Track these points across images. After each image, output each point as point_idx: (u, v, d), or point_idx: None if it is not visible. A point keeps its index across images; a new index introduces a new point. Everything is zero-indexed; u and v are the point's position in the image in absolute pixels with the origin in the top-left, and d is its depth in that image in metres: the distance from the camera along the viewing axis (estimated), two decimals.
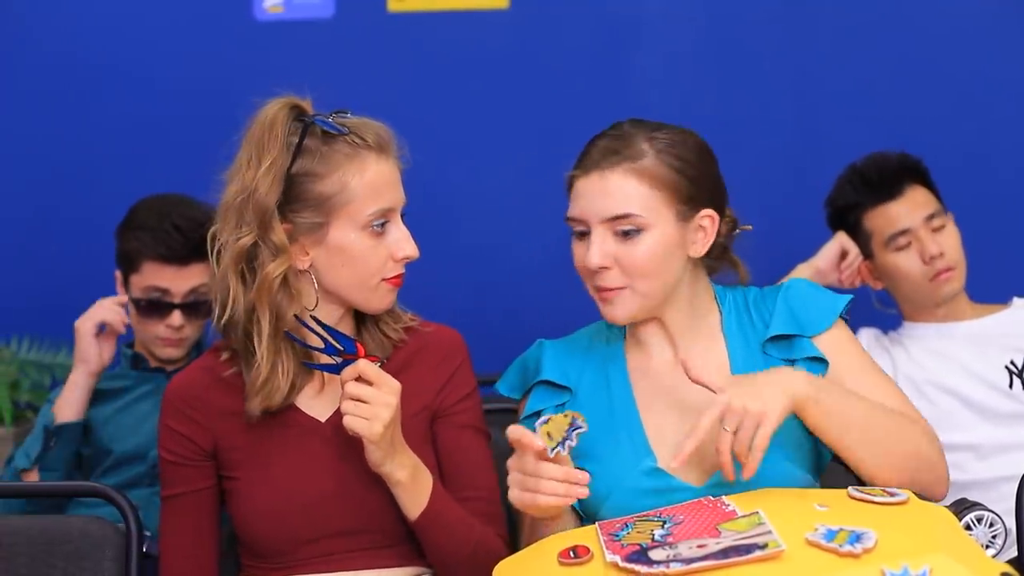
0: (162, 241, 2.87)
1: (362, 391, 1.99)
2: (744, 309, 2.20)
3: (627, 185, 2.08)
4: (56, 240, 3.68)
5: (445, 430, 2.19)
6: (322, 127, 2.08)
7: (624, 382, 2.16)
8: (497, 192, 3.70)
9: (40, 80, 3.69)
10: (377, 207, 2.08)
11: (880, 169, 3.02)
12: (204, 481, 2.17)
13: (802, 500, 1.87)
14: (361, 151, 2.08)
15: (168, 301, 2.88)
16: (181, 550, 2.17)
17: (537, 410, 2.17)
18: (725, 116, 3.59)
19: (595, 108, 3.58)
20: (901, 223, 2.98)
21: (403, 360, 2.18)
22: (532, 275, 3.63)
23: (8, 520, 2.46)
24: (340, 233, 2.08)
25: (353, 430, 1.99)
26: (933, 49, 3.61)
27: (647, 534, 1.81)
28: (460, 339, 2.25)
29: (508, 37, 3.68)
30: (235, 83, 3.59)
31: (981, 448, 2.88)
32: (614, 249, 2.08)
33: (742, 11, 3.65)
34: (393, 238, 2.11)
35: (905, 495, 1.86)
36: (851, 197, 3.05)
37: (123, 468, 2.87)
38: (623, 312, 2.11)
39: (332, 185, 2.06)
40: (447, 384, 2.20)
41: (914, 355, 2.99)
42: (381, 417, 1.99)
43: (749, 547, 1.68)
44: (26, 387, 3.59)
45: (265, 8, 3.69)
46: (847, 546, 1.66)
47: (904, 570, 1.61)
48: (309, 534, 2.09)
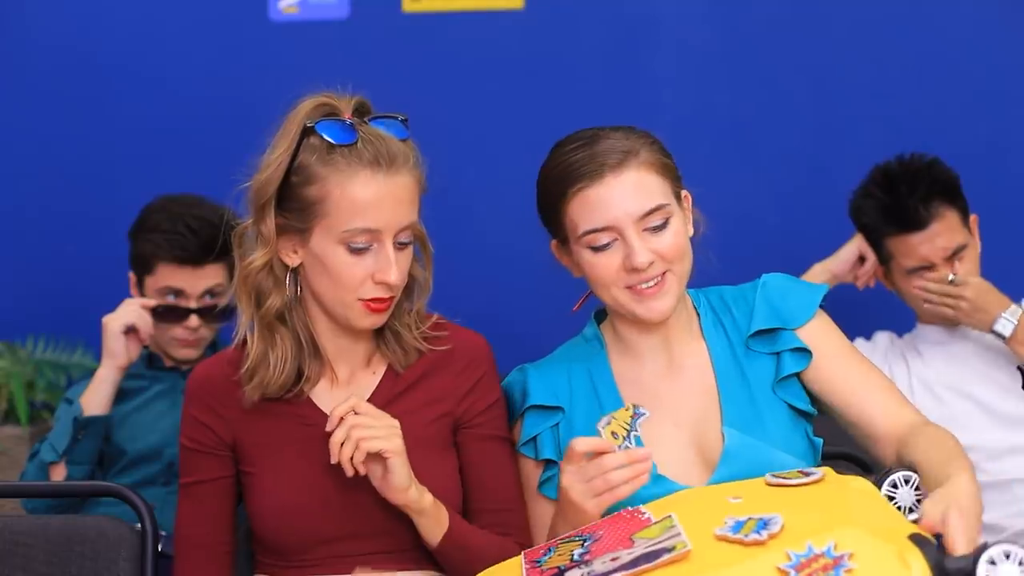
0: (176, 243, 2.88)
1: (362, 419, 1.99)
2: (723, 308, 2.20)
3: (645, 178, 2.08)
4: (72, 241, 3.70)
5: (470, 441, 2.16)
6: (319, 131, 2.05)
7: (613, 392, 2.16)
8: (511, 192, 3.68)
9: (56, 81, 3.71)
10: (356, 225, 2.02)
11: (910, 191, 2.93)
12: (222, 471, 2.15)
13: (716, 495, 1.87)
14: (351, 164, 2.03)
15: (184, 305, 2.89)
16: (195, 539, 2.15)
17: (533, 435, 2.16)
18: (739, 116, 3.59)
19: (610, 108, 3.57)
20: (923, 258, 2.93)
21: (427, 365, 2.16)
22: (547, 276, 3.62)
23: (25, 520, 2.48)
24: (319, 242, 2.05)
25: (377, 449, 1.97)
26: (949, 47, 3.60)
27: (567, 555, 1.80)
28: (486, 345, 2.22)
29: (522, 37, 3.68)
30: (250, 83, 3.61)
31: (993, 450, 2.88)
32: (650, 243, 2.07)
33: (757, 11, 3.64)
34: (376, 260, 2.04)
35: (820, 473, 1.85)
36: (875, 220, 2.99)
37: (138, 467, 2.88)
38: (667, 302, 2.10)
39: (316, 192, 2.03)
40: (471, 392, 2.17)
41: (927, 358, 2.99)
42: (395, 431, 1.99)
43: (658, 552, 1.68)
44: (42, 387, 3.60)
45: (280, 9, 3.70)
46: (753, 535, 1.66)
47: (808, 549, 1.60)
48: (324, 534, 2.08)
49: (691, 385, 2.15)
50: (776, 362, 2.14)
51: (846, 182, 3.11)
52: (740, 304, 2.19)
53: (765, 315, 2.16)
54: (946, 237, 2.93)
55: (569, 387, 2.18)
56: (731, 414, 2.10)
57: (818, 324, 2.17)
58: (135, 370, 2.98)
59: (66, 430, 2.80)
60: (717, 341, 2.17)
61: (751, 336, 2.15)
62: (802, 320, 2.16)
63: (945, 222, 2.93)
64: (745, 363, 2.14)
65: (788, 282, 2.21)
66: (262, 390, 2.11)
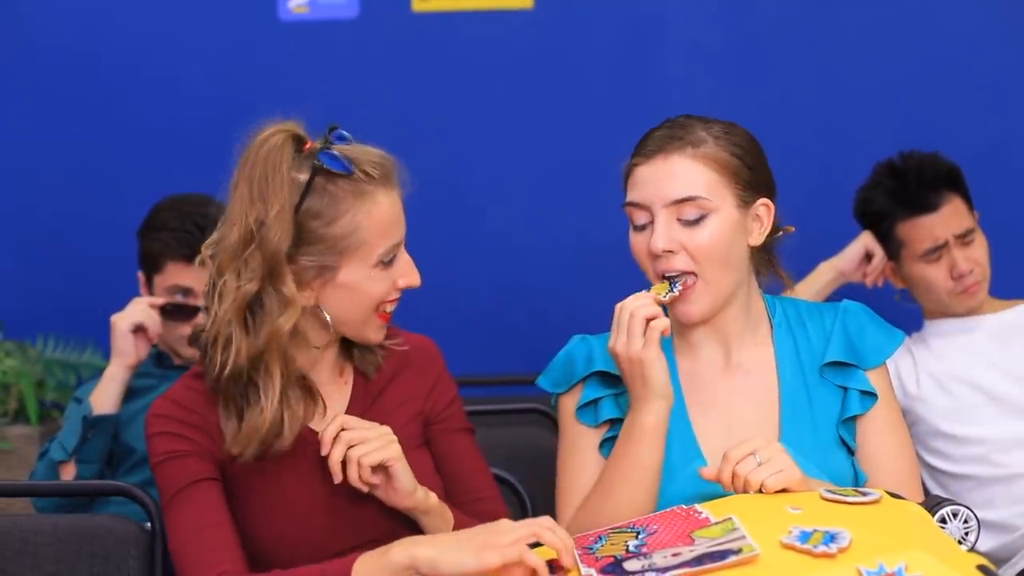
0: (184, 241, 2.88)
1: (356, 434, 1.96)
2: (798, 322, 2.19)
3: (692, 168, 2.08)
4: (81, 241, 3.70)
5: (440, 436, 2.18)
6: (328, 165, 1.97)
7: (674, 383, 2.15)
8: (520, 191, 3.70)
9: (63, 82, 3.71)
10: (388, 243, 2.01)
11: (918, 179, 2.99)
12: (208, 472, 2.02)
13: (774, 504, 1.86)
14: (367, 188, 1.99)
15: (192, 303, 2.90)
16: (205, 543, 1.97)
17: (594, 399, 2.16)
18: (749, 115, 3.55)
19: (619, 108, 3.58)
20: (936, 239, 2.96)
21: (392, 369, 2.16)
22: (556, 274, 3.63)
23: (35, 519, 2.48)
24: (350, 273, 2.00)
25: (379, 460, 1.95)
26: (957, 48, 3.60)
27: (621, 545, 1.80)
28: (434, 345, 2.24)
29: (532, 37, 3.68)
30: (260, 83, 3.62)
31: (1004, 442, 2.87)
32: (679, 235, 2.07)
33: (766, 10, 3.64)
34: (398, 268, 2.04)
35: (877, 494, 1.86)
36: (886, 206, 3.02)
37: (145, 466, 2.87)
38: (698, 308, 2.10)
39: (343, 227, 1.97)
40: (433, 388, 2.18)
41: (936, 350, 2.98)
42: (389, 438, 1.97)
43: (724, 553, 1.67)
44: (52, 386, 3.60)
45: (290, 8, 3.70)
46: (822, 547, 1.65)
47: (880, 567, 1.60)
48: (315, 554, 2.01)
49: (751, 391, 2.14)
50: (843, 397, 2.14)
51: (854, 181, 3.11)
52: (816, 324, 2.19)
53: (842, 347, 2.15)
54: (956, 220, 2.97)
55: None
56: (789, 432, 2.10)
57: (883, 372, 2.18)
58: (144, 369, 2.98)
59: (75, 429, 2.80)
60: (787, 354, 2.16)
61: (825, 365, 2.15)
62: (875, 363, 2.16)
63: (953, 206, 2.98)
64: (814, 388, 2.14)
65: (867, 317, 2.20)
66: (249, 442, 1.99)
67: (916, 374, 2.96)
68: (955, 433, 2.89)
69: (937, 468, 2.91)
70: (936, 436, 2.91)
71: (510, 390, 3.38)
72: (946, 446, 2.90)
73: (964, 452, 2.89)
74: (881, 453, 2.13)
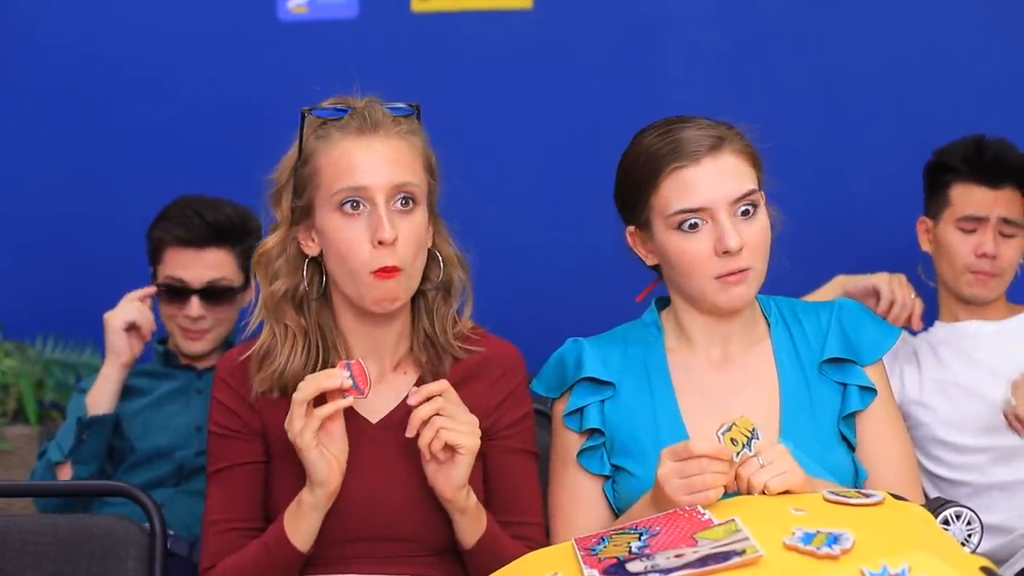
0: (181, 224, 2.89)
1: (448, 407, 1.98)
2: (793, 320, 2.20)
3: (741, 165, 2.11)
4: (80, 241, 3.70)
5: (497, 453, 2.15)
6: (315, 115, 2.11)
7: (666, 380, 2.15)
8: (520, 192, 3.70)
9: (61, 82, 3.71)
10: (344, 184, 2.05)
11: (996, 156, 2.99)
12: (252, 455, 2.12)
13: (777, 505, 1.86)
14: (340, 133, 2.08)
15: (186, 287, 2.89)
16: (226, 523, 2.11)
17: (581, 406, 2.15)
18: (749, 115, 3.55)
19: (619, 108, 3.58)
20: (981, 209, 2.95)
21: (461, 373, 2.14)
22: (558, 275, 3.63)
23: (35, 519, 2.48)
24: (321, 217, 2.07)
25: (455, 442, 1.97)
26: (960, 48, 3.60)
27: (624, 547, 1.79)
28: (520, 357, 2.21)
29: (532, 37, 3.68)
30: (259, 83, 3.62)
31: (1003, 451, 2.86)
32: (741, 229, 2.07)
33: (766, 10, 3.64)
34: (371, 222, 2.04)
35: (881, 495, 1.86)
36: (955, 162, 3.00)
37: (148, 466, 2.88)
38: (747, 292, 2.10)
39: (310, 167, 2.08)
40: (503, 404, 2.15)
41: (941, 356, 2.97)
42: (475, 428, 1.99)
43: (727, 554, 1.67)
44: (51, 386, 3.60)
45: (289, 8, 3.70)
46: (825, 548, 1.65)
47: (883, 569, 1.60)
48: (344, 535, 2.06)
49: (751, 389, 2.14)
50: (843, 393, 2.14)
51: (856, 183, 3.12)
52: (812, 322, 2.19)
53: (839, 343, 2.15)
54: (1009, 206, 2.96)
55: (622, 366, 2.17)
56: (790, 429, 2.09)
57: (881, 368, 2.19)
58: (151, 367, 2.98)
59: (71, 429, 2.80)
60: (785, 352, 2.17)
61: (824, 362, 2.15)
62: (872, 359, 2.17)
63: (1013, 195, 2.97)
64: (814, 385, 2.14)
65: (863, 313, 2.21)
66: (270, 382, 2.10)
67: (920, 379, 2.95)
68: (955, 441, 2.88)
69: (935, 474, 2.90)
70: (935, 443, 2.91)
71: None
72: (945, 453, 2.89)
73: (963, 460, 2.88)
74: (881, 447, 2.14)
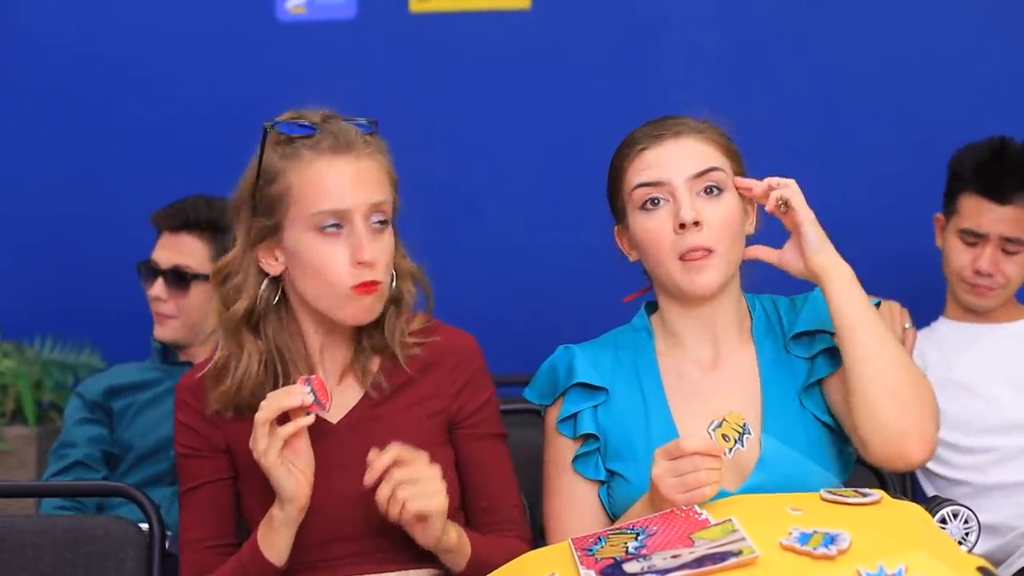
0: (172, 211, 2.95)
1: (409, 472, 1.95)
2: (775, 316, 2.20)
3: (704, 146, 2.12)
4: (79, 241, 3.70)
5: (465, 442, 2.16)
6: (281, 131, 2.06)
7: (656, 382, 2.15)
8: (518, 192, 3.70)
9: (60, 82, 3.71)
10: (323, 207, 2.02)
11: (1009, 168, 2.92)
12: (220, 473, 2.13)
13: (775, 504, 1.86)
14: (313, 153, 2.04)
15: (155, 268, 2.93)
16: (201, 542, 2.12)
17: (574, 412, 2.15)
18: (748, 115, 3.55)
19: (617, 108, 3.57)
20: (983, 227, 2.92)
21: (419, 365, 2.14)
22: (555, 275, 3.63)
23: (33, 520, 2.48)
24: (292, 237, 2.05)
25: (422, 511, 1.95)
26: (958, 49, 3.60)
27: (621, 547, 1.80)
28: (475, 343, 2.21)
29: (530, 37, 3.68)
30: (257, 84, 3.62)
31: (1006, 451, 2.86)
32: (701, 208, 2.08)
33: (765, 10, 3.64)
34: (350, 243, 2.03)
35: (878, 495, 1.87)
36: (967, 171, 2.96)
37: (145, 464, 2.88)
38: (712, 277, 2.09)
39: (279, 187, 2.04)
40: (463, 390, 2.16)
41: (946, 354, 2.96)
42: (440, 489, 1.96)
43: (724, 555, 1.68)
44: (49, 387, 3.60)
45: (287, 9, 3.70)
46: (822, 548, 1.66)
47: (880, 569, 1.60)
48: (324, 536, 2.06)
49: (735, 387, 2.14)
50: (809, 367, 2.13)
51: (852, 184, 3.11)
52: (790, 314, 2.19)
53: (809, 318, 2.15)
54: (1013, 224, 2.91)
55: (614, 371, 2.18)
56: (771, 423, 2.09)
57: None
58: (149, 364, 2.99)
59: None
60: (766, 348, 2.16)
61: (792, 338, 2.15)
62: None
63: (1020, 213, 2.92)
64: (787, 370, 2.14)
65: None
66: (225, 400, 2.08)
67: None
68: (956, 443, 2.88)
69: (935, 473, 2.90)
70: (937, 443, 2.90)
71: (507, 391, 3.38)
72: (945, 453, 2.88)
73: (963, 460, 2.88)
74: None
